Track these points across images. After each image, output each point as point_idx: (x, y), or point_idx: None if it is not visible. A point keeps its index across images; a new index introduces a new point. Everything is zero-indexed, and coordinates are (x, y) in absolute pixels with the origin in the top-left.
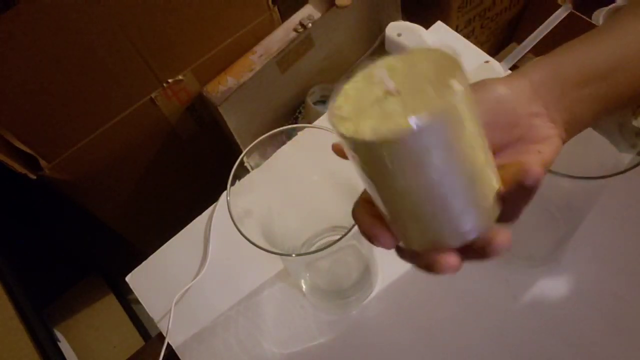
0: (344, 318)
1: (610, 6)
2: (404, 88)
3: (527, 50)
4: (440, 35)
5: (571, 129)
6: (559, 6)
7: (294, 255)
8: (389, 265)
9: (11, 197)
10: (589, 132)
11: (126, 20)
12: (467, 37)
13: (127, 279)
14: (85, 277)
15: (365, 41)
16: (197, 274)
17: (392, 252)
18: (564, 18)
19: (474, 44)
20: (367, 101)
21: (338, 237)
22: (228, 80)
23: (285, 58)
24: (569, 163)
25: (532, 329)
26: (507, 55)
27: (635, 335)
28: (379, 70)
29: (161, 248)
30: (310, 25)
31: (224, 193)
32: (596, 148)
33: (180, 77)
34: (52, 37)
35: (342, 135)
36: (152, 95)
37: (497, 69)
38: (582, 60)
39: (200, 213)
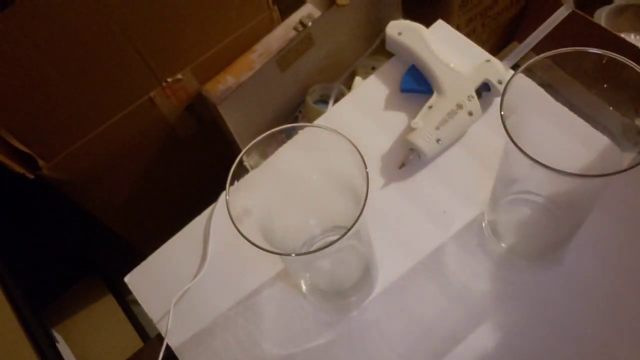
0: (344, 318)
1: (612, 5)
2: None
3: (529, 49)
4: (441, 34)
5: None
6: (561, 5)
7: (293, 255)
8: (389, 266)
9: (9, 197)
10: (591, 131)
11: (125, 18)
12: (468, 36)
13: (126, 279)
14: (83, 277)
15: (365, 40)
16: (196, 275)
17: (393, 252)
18: (566, 17)
19: (475, 42)
20: None
21: (338, 237)
22: (227, 80)
23: (285, 57)
24: (571, 162)
25: (534, 329)
26: (508, 54)
27: (638, 335)
28: None
29: (160, 248)
30: (310, 24)
31: (223, 193)
32: (598, 147)
33: (179, 76)
34: (50, 36)
35: None
36: (151, 95)
37: (499, 67)
38: None
39: (199, 213)
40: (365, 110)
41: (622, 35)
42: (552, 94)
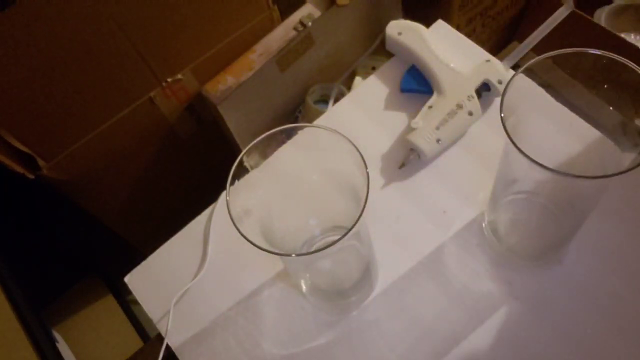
0: (344, 318)
1: (612, 5)
2: None
3: (529, 49)
4: (441, 34)
5: None
6: (561, 5)
7: (293, 255)
8: (389, 266)
9: (9, 197)
10: (592, 131)
11: (125, 19)
12: (468, 35)
13: (126, 279)
14: (83, 277)
15: (365, 40)
16: (196, 275)
17: (393, 252)
18: (566, 17)
19: (475, 42)
20: None
21: (338, 237)
22: (227, 80)
23: (285, 57)
24: (571, 162)
25: (534, 329)
26: (508, 54)
27: (638, 335)
28: None
29: (160, 248)
30: (310, 24)
31: (224, 193)
32: (598, 147)
33: (179, 76)
34: (50, 37)
35: None
36: (151, 95)
37: (499, 67)
38: None
39: (199, 213)
40: (365, 110)
41: (622, 35)
42: (552, 94)
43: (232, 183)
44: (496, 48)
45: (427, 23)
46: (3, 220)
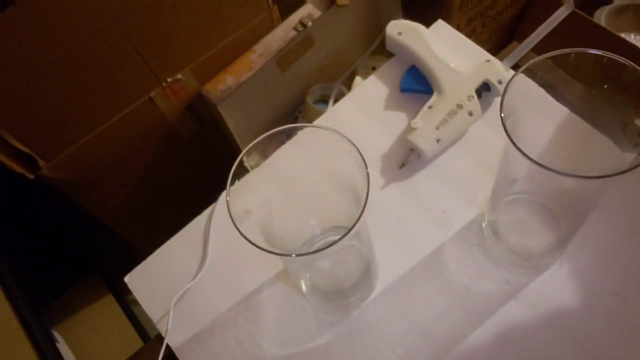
0: (344, 318)
1: (612, 5)
2: None
3: (529, 49)
4: (441, 34)
5: None
6: (561, 5)
7: (293, 255)
8: (389, 266)
9: (9, 197)
10: (592, 131)
11: (125, 19)
12: (468, 35)
13: (126, 279)
14: (83, 277)
15: (365, 39)
16: (196, 275)
17: (393, 252)
18: (566, 17)
19: (475, 42)
20: None
21: (338, 237)
22: (227, 80)
23: (285, 57)
24: (571, 162)
25: (534, 329)
26: (508, 54)
27: (638, 335)
28: None
29: (160, 248)
30: (310, 24)
31: (224, 193)
32: (598, 147)
33: (179, 76)
34: (50, 36)
35: None
36: (151, 95)
37: (499, 67)
38: None
39: (199, 213)
40: (365, 110)
41: (622, 35)
42: (552, 94)
43: (232, 183)
44: (496, 48)
45: (427, 23)
46: (3, 220)
